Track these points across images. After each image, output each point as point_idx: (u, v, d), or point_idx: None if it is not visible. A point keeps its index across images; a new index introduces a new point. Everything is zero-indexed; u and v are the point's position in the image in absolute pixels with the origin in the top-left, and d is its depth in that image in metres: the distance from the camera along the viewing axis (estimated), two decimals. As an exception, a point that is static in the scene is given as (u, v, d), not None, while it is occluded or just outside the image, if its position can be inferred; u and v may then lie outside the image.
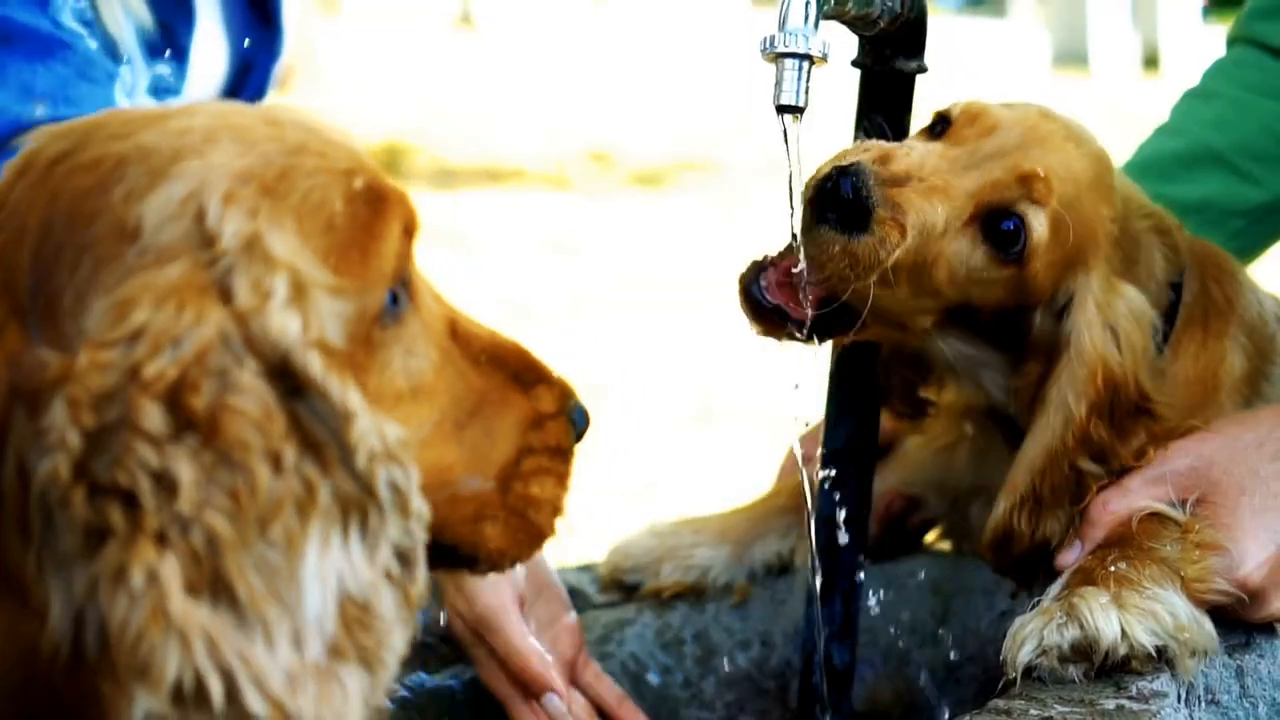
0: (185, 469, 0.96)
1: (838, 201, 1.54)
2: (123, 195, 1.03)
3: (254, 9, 2.12)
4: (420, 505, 1.08)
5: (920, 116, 1.72)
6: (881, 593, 1.88)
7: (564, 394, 1.27)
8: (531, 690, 1.71)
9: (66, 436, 0.96)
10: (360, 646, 1.03)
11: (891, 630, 1.90)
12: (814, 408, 1.83)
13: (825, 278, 1.56)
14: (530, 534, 1.24)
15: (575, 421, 1.27)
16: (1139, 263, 1.67)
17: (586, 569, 1.99)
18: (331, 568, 1.01)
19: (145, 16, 1.92)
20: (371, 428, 1.04)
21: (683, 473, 5.11)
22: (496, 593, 1.71)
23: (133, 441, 0.95)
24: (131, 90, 1.88)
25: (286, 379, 1.01)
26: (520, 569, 1.74)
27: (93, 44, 1.81)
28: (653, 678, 1.87)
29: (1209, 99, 2.06)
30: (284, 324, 1.02)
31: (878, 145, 1.60)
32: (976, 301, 1.62)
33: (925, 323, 1.63)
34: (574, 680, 1.76)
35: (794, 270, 1.57)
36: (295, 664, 0.98)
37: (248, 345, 1.00)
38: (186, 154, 1.05)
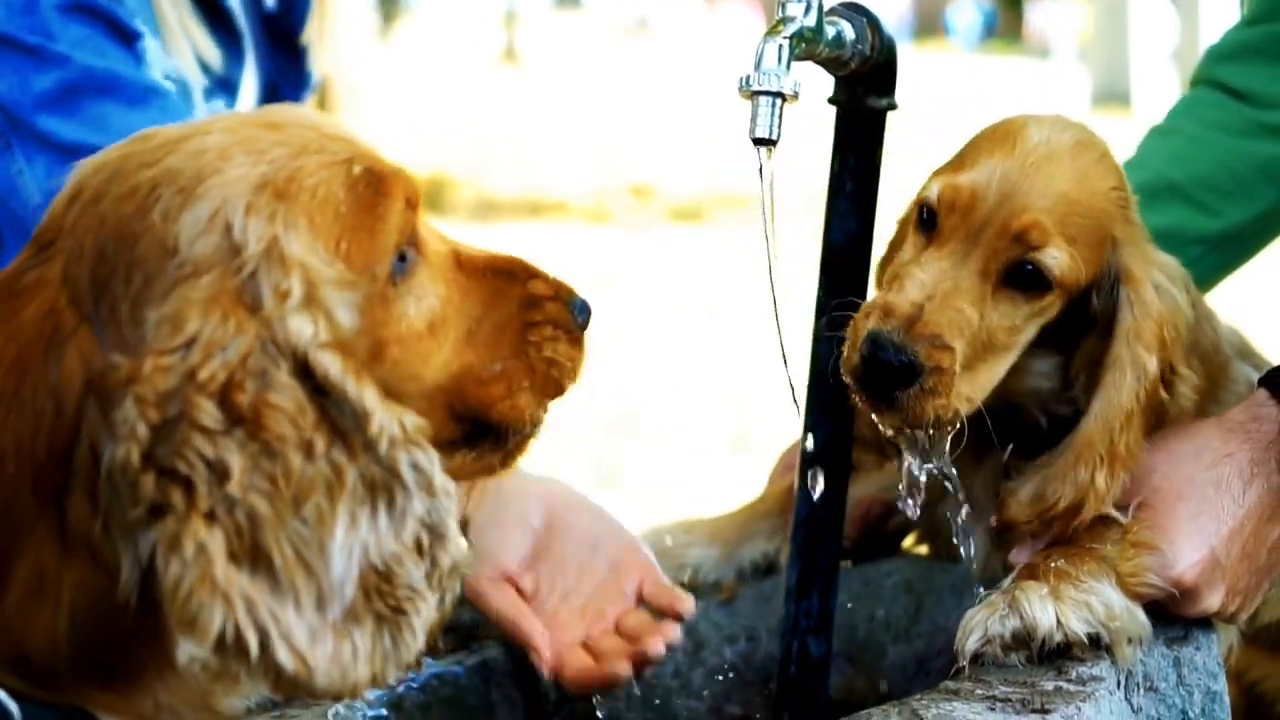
0: (235, 458, 1.12)
1: (885, 374, 1.63)
2: (160, 216, 1.20)
3: (280, 45, 2.30)
4: (445, 482, 1.22)
5: (946, 150, 1.82)
6: (858, 591, 2.02)
7: (559, 286, 1.43)
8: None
9: (136, 429, 1.12)
10: (377, 611, 1.17)
11: (866, 626, 2.02)
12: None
13: (924, 421, 1.65)
14: (554, 390, 1.42)
15: (575, 310, 1.42)
16: None
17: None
18: (358, 541, 1.17)
19: (216, 61, 2.13)
20: (391, 419, 1.20)
21: (718, 501, 5.18)
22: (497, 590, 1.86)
23: (190, 434, 1.12)
24: None
25: (311, 377, 1.17)
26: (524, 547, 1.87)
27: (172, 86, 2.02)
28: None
29: (1170, 135, 2.17)
30: (300, 328, 1.18)
31: (872, 303, 1.69)
32: (1048, 324, 1.72)
33: (1014, 360, 1.72)
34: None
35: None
36: (318, 623, 1.14)
37: (278, 348, 1.16)
38: (207, 173, 1.22)
